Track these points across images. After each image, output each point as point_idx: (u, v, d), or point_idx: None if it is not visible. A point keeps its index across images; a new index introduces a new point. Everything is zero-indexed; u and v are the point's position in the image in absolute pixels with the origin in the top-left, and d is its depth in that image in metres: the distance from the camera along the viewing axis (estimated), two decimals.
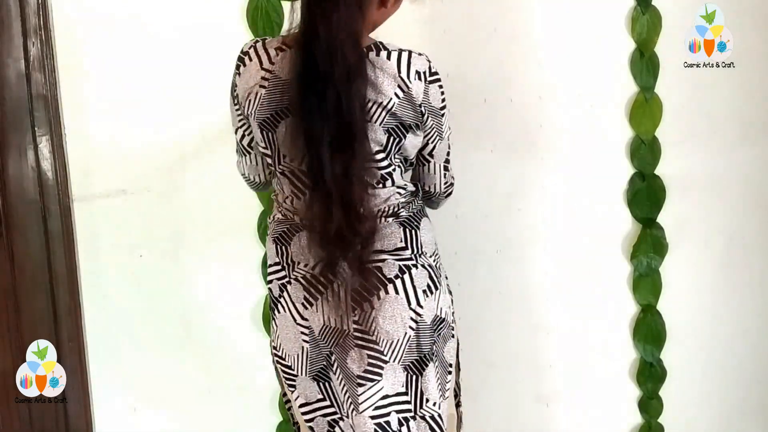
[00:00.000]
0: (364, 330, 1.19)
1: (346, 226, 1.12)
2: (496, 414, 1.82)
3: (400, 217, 1.22)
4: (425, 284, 1.22)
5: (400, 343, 1.20)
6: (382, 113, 1.13)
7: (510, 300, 1.78)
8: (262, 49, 1.18)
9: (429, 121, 1.19)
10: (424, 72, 1.15)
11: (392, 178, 1.21)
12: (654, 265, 1.75)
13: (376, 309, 1.19)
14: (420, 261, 1.22)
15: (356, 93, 1.08)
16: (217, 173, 1.70)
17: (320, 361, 1.26)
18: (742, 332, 1.81)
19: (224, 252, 1.74)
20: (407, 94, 1.14)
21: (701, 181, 1.74)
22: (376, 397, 1.21)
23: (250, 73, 1.18)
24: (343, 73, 1.07)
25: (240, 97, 1.20)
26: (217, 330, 1.77)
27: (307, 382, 1.27)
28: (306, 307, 1.22)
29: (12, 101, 1.65)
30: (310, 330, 1.24)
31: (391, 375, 1.21)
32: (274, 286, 1.27)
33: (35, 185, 1.68)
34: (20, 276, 1.71)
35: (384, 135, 1.15)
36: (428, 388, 1.23)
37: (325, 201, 1.12)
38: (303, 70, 1.10)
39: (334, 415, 1.27)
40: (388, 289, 1.19)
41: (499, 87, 1.69)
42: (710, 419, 1.85)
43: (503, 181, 1.74)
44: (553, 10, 1.67)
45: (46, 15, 1.62)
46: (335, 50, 1.06)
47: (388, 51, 1.14)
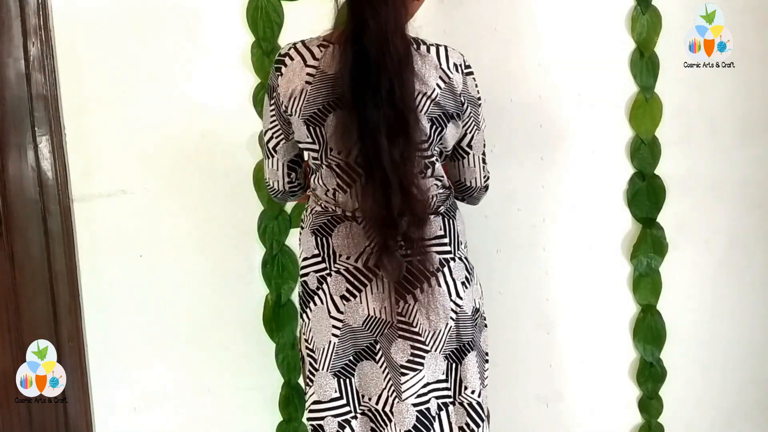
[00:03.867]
0: (407, 321, 1.24)
1: (406, 208, 1.15)
2: (496, 414, 1.81)
3: (438, 210, 1.27)
4: (463, 276, 1.27)
5: (442, 333, 1.25)
6: (426, 102, 1.18)
7: (510, 300, 1.78)
8: (303, 48, 1.21)
9: (468, 109, 1.25)
10: (461, 64, 1.22)
11: (434, 168, 1.25)
12: (654, 265, 1.75)
13: (420, 301, 1.22)
14: (457, 254, 1.27)
15: (407, 82, 1.13)
16: (217, 173, 1.70)
17: (347, 357, 1.28)
18: (742, 332, 1.81)
19: (224, 252, 1.74)
20: (448, 84, 1.20)
21: (701, 181, 1.74)
22: (418, 386, 1.25)
23: (294, 72, 1.20)
24: (395, 64, 1.12)
25: (281, 96, 1.22)
26: (217, 330, 1.77)
27: (326, 378, 1.28)
28: (347, 299, 1.25)
29: (12, 101, 1.65)
30: (344, 324, 1.26)
31: (432, 363, 1.26)
32: (311, 279, 1.28)
33: (35, 185, 1.68)
34: (20, 276, 1.71)
35: (428, 124, 1.19)
36: (467, 376, 1.28)
37: (382, 187, 1.14)
38: (355, 62, 1.13)
39: (347, 415, 1.29)
40: (431, 281, 1.23)
41: (499, 87, 1.69)
42: (710, 419, 1.85)
43: (503, 181, 1.74)
44: (554, 10, 1.67)
45: (46, 15, 1.62)
46: (386, 42, 1.11)
47: (427, 45, 1.21)
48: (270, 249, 1.72)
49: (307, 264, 1.29)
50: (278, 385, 1.78)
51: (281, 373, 1.76)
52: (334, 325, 1.26)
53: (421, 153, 1.20)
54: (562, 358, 1.80)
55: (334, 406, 1.29)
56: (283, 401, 1.78)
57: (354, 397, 1.30)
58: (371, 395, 1.29)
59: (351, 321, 1.26)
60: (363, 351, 1.28)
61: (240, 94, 1.67)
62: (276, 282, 1.72)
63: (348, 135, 1.15)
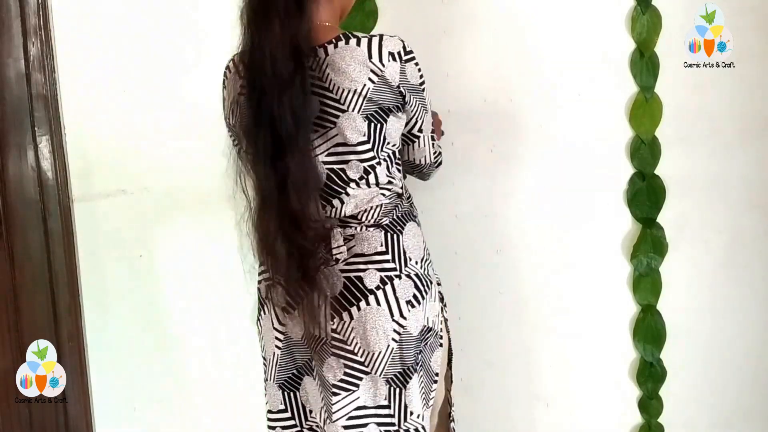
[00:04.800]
0: (342, 339, 1.18)
1: (282, 237, 1.13)
2: (495, 414, 1.82)
3: (381, 224, 1.20)
4: (410, 294, 1.19)
5: (383, 355, 1.18)
6: (358, 100, 1.13)
7: (510, 300, 1.78)
8: (239, 59, 1.19)
9: (412, 100, 1.19)
10: (398, 52, 1.15)
11: (375, 174, 1.19)
12: (654, 264, 1.75)
13: (356, 319, 1.17)
14: (405, 270, 1.20)
15: (290, 104, 1.09)
16: (216, 173, 1.70)
17: (289, 370, 1.26)
18: (742, 332, 1.81)
19: (224, 252, 1.74)
20: (381, 77, 1.14)
21: (701, 181, 1.74)
22: (350, 408, 1.19)
23: (232, 84, 1.20)
24: (273, 86, 1.09)
25: (225, 108, 1.23)
26: (216, 330, 1.77)
27: (273, 389, 1.28)
28: (288, 311, 1.22)
29: (12, 101, 1.65)
30: (286, 336, 1.24)
31: (371, 386, 1.19)
32: (261, 287, 1.28)
33: (35, 185, 1.68)
34: (20, 276, 1.71)
35: (364, 122, 1.14)
36: (412, 401, 1.20)
37: (264, 213, 1.15)
38: (245, 86, 1.13)
39: (293, 429, 1.28)
40: (369, 300, 1.17)
41: (499, 87, 1.69)
42: (710, 419, 1.84)
43: (503, 181, 1.74)
44: (553, 10, 1.67)
45: (46, 15, 1.62)
46: (266, 65, 1.09)
47: (358, 38, 1.14)
48: None
49: (259, 272, 1.28)
50: None
51: None
52: (276, 336, 1.25)
53: (357, 157, 1.17)
54: (561, 358, 1.80)
55: (282, 417, 1.28)
56: None
57: (300, 411, 1.28)
58: (315, 411, 1.25)
59: (291, 334, 1.23)
60: (304, 365, 1.25)
61: None
62: None
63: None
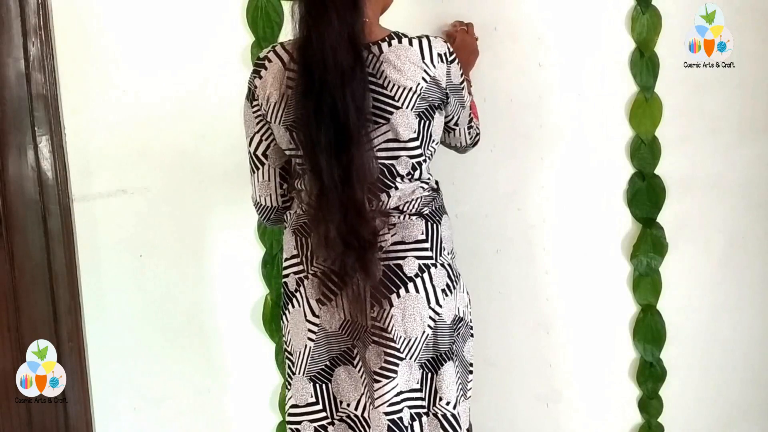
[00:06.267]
0: (381, 327, 1.21)
1: (345, 229, 1.13)
2: (495, 414, 1.82)
3: (422, 213, 1.24)
4: (444, 283, 1.24)
5: (418, 341, 1.21)
6: (413, 98, 1.17)
7: (510, 300, 1.78)
8: (282, 50, 1.19)
9: (452, 99, 1.25)
10: (445, 53, 1.20)
11: (421, 170, 1.23)
12: (654, 264, 1.75)
13: (395, 307, 1.19)
14: (439, 260, 1.24)
15: (353, 96, 1.10)
16: (217, 173, 1.70)
17: (323, 361, 1.26)
18: (742, 332, 1.81)
19: (224, 252, 1.74)
20: (432, 77, 1.18)
21: (701, 181, 1.74)
22: (391, 394, 1.21)
23: (274, 75, 1.19)
24: (337, 78, 1.09)
25: (260, 99, 1.21)
26: (217, 330, 1.77)
27: (303, 383, 1.27)
28: (322, 303, 1.23)
29: (12, 101, 1.64)
30: (320, 328, 1.24)
31: (406, 372, 1.22)
32: (290, 280, 1.27)
33: (35, 185, 1.68)
34: (20, 276, 1.70)
35: (416, 119, 1.18)
36: (443, 387, 1.24)
37: (326, 204, 1.13)
38: (300, 78, 1.12)
39: (323, 420, 1.28)
40: (408, 287, 1.20)
41: (499, 87, 1.69)
42: (710, 419, 1.84)
43: (503, 181, 1.74)
44: (553, 9, 1.67)
45: (46, 15, 1.62)
46: (326, 57, 1.09)
47: (409, 38, 1.19)
48: (270, 249, 1.72)
49: (288, 265, 1.28)
50: (278, 385, 1.78)
51: (281, 373, 1.76)
52: (309, 329, 1.24)
53: (408, 153, 1.19)
54: (561, 358, 1.80)
55: (311, 410, 1.28)
56: (282, 401, 1.78)
57: (331, 402, 1.28)
58: (350, 401, 1.26)
59: (327, 325, 1.24)
60: (340, 356, 1.26)
61: (240, 95, 1.65)
62: (276, 282, 1.72)
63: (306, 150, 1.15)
